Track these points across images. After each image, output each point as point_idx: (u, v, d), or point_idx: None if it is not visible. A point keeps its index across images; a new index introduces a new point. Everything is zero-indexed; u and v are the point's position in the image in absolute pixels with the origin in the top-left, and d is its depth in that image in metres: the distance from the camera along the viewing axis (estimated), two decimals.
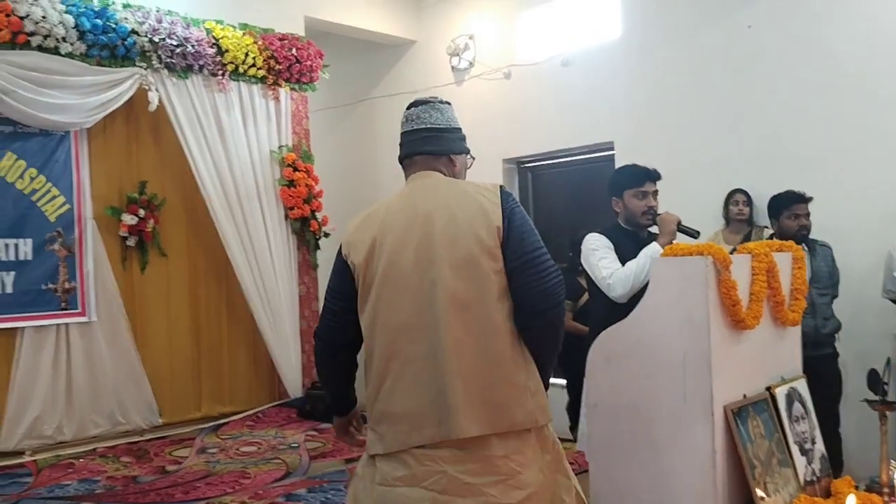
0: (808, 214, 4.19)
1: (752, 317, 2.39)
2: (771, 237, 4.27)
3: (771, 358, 2.61)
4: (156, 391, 5.44)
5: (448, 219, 2.03)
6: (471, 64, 6.67)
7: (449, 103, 2.27)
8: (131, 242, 5.41)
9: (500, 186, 2.12)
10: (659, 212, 3.30)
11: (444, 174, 2.18)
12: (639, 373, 2.42)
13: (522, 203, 6.50)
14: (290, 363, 6.01)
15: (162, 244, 5.57)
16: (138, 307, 5.48)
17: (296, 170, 6.03)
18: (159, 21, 5.26)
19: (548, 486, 2.05)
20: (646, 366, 2.40)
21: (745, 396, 2.39)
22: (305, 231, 6.15)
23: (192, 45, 5.37)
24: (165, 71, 5.33)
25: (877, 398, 2.56)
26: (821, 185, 4.38)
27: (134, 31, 5.12)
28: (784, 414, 2.51)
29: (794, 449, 2.49)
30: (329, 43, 6.69)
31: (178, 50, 5.29)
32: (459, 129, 2.25)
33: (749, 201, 4.91)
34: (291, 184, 6.00)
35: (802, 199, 4.17)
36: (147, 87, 5.24)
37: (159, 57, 5.26)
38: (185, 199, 5.74)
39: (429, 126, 2.19)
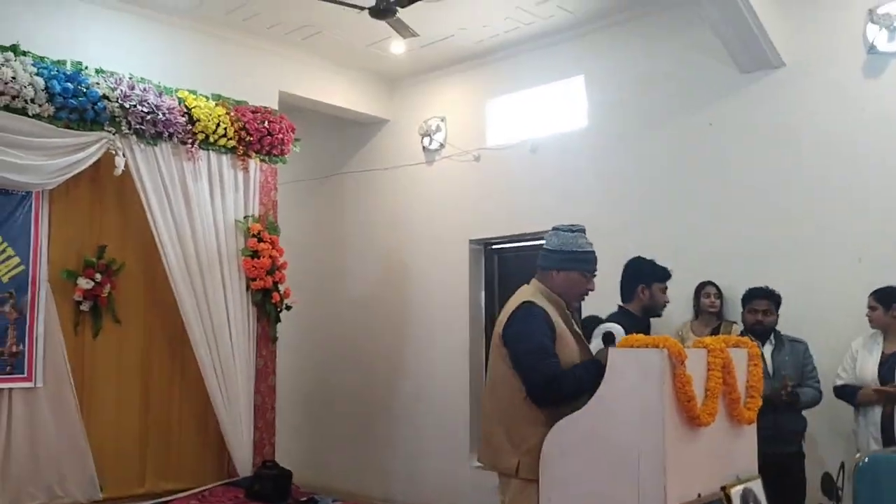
0: (766, 311, 4.24)
1: (707, 413, 2.36)
2: (742, 333, 4.31)
3: (726, 456, 2.57)
4: (98, 463, 5.18)
5: (500, 317, 3.03)
6: (441, 145, 6.77)
7: (571, 230, 3.07)
8: (85, 307, 5.26)
9: (523, 302, 2.94)
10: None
11: (541, 281, 3.07)
12: (593, 466, 2.37)
13: (488, 284, 6.57)
14: (242, 440, 5.81)
15: (117, 310, 5.42)
16: (87, 374, 5.29)
17: (260, 240, 5.97)
18: (132, 87, 5.25)
19: None
20: (600, 460, 2.35)
21: (699, 496, 2.34)
22: (267, 303, 6.05)
23: (164, 113, 5.36)
24: (134, 137, 5.31)
25: None
26: (786, 280, 4.43)
27: (105, 96, 5.11)
28: None
29: None
30: (302, 117, 6.74)
31: (148, 117, 5.28)
32: (569, 251, 3.03)
33: (720, 294, 4.91)
34: (255, 254, 5.93)
35: (759, 295, 4.27)
36: (114, 152, 5.20)
37: (129, 123, 5.24)
38: (145, 265, 5.62)
39: (544, 247, 3.13)
